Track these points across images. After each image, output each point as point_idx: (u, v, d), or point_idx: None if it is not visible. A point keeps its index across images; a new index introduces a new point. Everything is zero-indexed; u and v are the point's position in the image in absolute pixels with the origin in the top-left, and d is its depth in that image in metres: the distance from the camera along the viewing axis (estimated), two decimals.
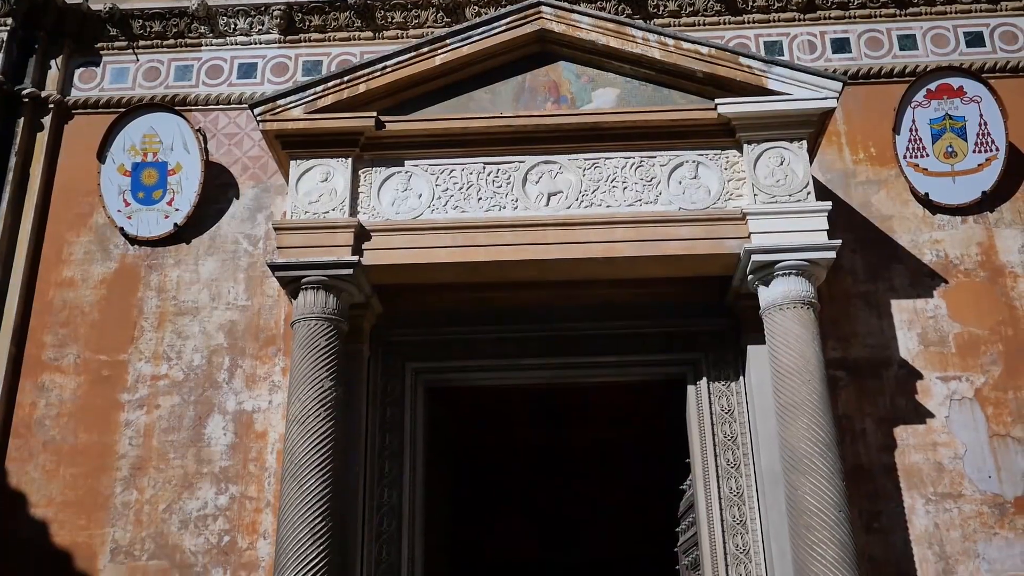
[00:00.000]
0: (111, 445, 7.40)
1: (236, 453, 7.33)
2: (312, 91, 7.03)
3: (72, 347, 7.71)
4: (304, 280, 6.73)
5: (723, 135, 7.03)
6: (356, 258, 6.75)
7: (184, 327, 7.72)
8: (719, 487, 7.01)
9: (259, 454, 7.32)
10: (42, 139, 8.28)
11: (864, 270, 7.61)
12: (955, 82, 7.97)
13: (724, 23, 8.44)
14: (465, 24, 7.30)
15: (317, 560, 6.05)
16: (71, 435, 7.44)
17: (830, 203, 6.84)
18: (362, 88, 7.06)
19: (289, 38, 8.58)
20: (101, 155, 8.12)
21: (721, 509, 6.96)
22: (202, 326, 7.72)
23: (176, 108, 8.28)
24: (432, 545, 7.48)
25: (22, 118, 8.25)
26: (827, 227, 6.72)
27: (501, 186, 7.05)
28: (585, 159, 7.07)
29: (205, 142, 8.12)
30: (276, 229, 6.98)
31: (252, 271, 7.86)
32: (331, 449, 6.35)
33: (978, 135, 7.82)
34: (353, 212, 6.97)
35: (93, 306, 7.84)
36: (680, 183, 6.99)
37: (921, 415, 7.19)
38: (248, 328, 7.69)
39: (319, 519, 6.15)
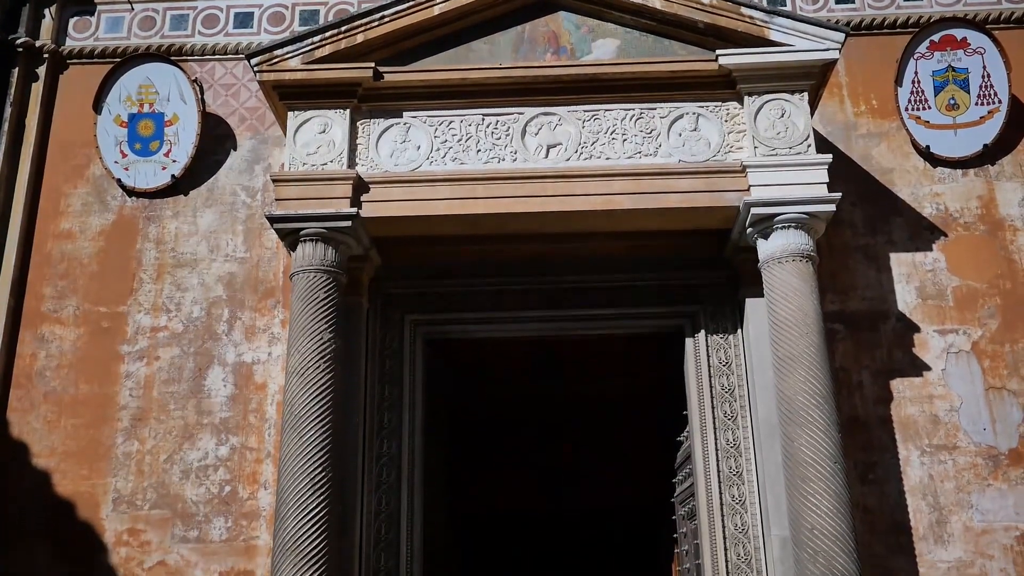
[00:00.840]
0: (112, 396, 7.44)
1: (236, 404, 7.38)
2: (309, 41, 6.96)
3: (71, 299, 7.72)
4: (303, 232, 6.72)
5: (724, 87, 6.98)
6: (354, 210, 6.73)
7: (183, 279, 7.73)
8: (716, 439, 7.07)
9: (259, 405, 7.36)
10: (37, 90, 8.21)
11: (863, 223, 7.60)
12: (959, 33, 7.89)
13: None
14: None
15: (317, 509, 6.12)
16: (72, 386, 7.48)
17: (830, 156, 6.81)
18: (360, 38, 7.00)
19: None
20: (97, 106, 8.05)
21: (718, 460, 7.03)
22: (201, 278, 7.72)
23: (172, 58, 8.20)
24: (431, 495, 7.56)
25: (16, 68, 8.17)
26: (827, 180, 6.70)
27: (500, 138, 7.02)
28: (584, 111, 7.02)
29: (202, 93, 8.06)
30: (274, 181, 6.95)
31: (250, 223, 7.84)
32: (331, 400, 6.39)
33: (981, 87, 7.76)
34: (351, 164, 6.94)
35: (92, 258, 7.83)
36: (680, 135, 6.95)
37: (918, 368, 7.23)
38: (247, 280, 7.70)
39: (319, 469, 6.21)
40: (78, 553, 7.03)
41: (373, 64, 6.95)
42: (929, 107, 7.76)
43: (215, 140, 8.05)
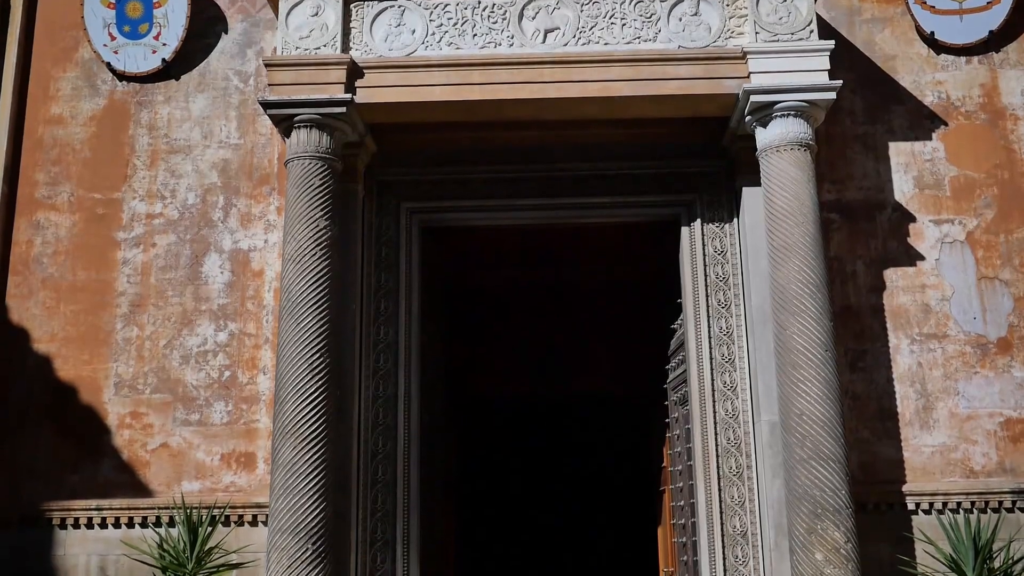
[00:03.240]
0: (109, 283, 7.48)
1: (233, 291, 7.42)
2: None
3: (65, 185, 7.67)
4: (297, 118, 6.66)
5: None
6: (349, 96, 6.65)
7: (177, 165, 7.67)
8: (709, 326, 7.16)
9: (256, 292, 7.41)
10: None
11: (863, 112, 7.52)
12: None
13: None
14: None
15: (316, 394, 6.24)
16: (69, 273, 7.51)
17: (832, 42, 6.70)
18: None
19: None
20: None
21: (711, 347, 7.13)
22: (195, 164, 7.67)
23: None
24: (428, 380, 7.69)
25: None
26: (828, 67, 6.61)
27: (496, 22, 6.88)
28: None
29: None
30: (267, 66, 6.84)
31: (244, 108, 7.74)
32: (327, 287, 6.44)
33: None
34: (345, 48, 6.81)
35: (84, 144, 7.76)
36: (680, 20, 6.82)
37: (912, 258, 7.26)
38: (241, 167, 7.65)
39: (317, 355, 6.30)
40: (83, 435, 7.18)
41: None
42: None
43: (205, 22, 7.87)
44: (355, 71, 6.73)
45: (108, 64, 7.79)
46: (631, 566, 12.24)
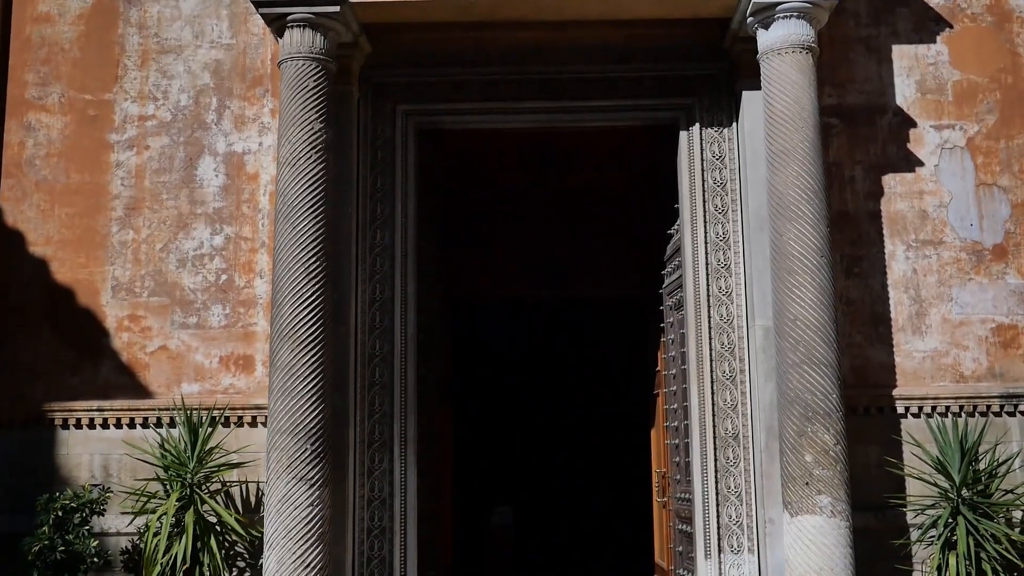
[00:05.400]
0: (104, 185, 7.43)
1: (229, 195, 7.39)
2: None
3: (55, 86, 7.56)
4: (290, 17, 6.53)
5: None
6: None
7: (168, 66, 7.55)
8: (706, 232, 7.15)
9: (252, 196, 7.38)
10: None
11: (867, 13, 7.37)
12: None
13: None
14: None
15: (313, 297, 6.27)
16: (63, 175, 7.46)
17: None
18: None
19: None
20: None
21: (707, 253, 7.14)
22: (187, 65, 7.54)
23: None
24: (424, 283, 7.72)
25: None
26: None
27: None
28: None
29: None
30: None
31: (235, 7, 7.57)
32: (323, 191, 6.41)
33: None
34: None
35: (73, 43, 7.61)
36: None
37: (911, 163, 7.22)
38: (234, 67, 7.52)
39: (313, 258, 6.31)
40: (82, 338, 7.23)
41: None
42: None
43: None
44: None
45: None
46: (625, 467, 12.49)
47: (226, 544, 6.74)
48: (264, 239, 7.29)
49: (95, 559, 6.58)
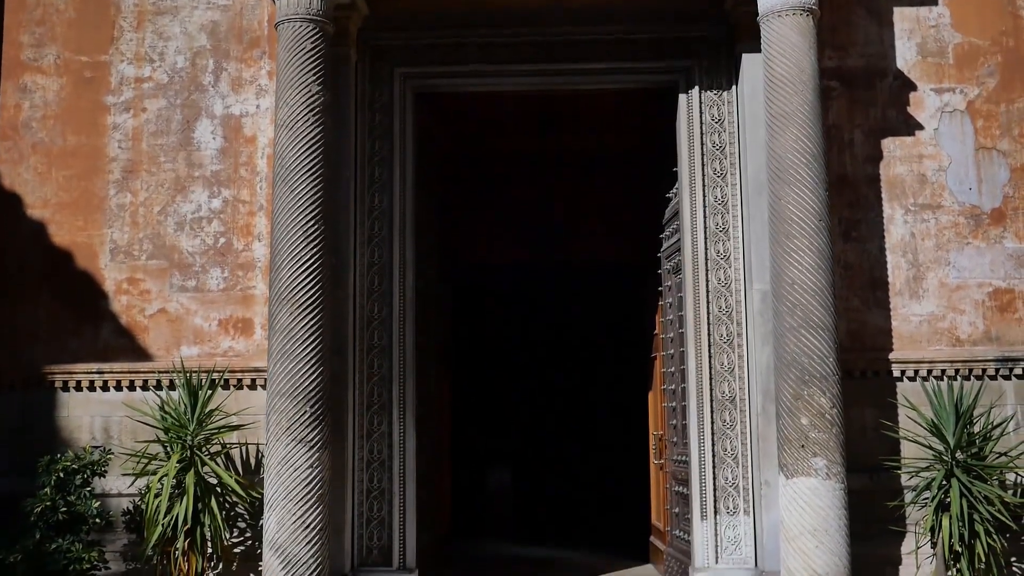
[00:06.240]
0: (101, 148, 7.40)
1: (226, 157, 7.36)
2: None
3: (51, 47, 7.50)
4: None
5: None
6: None
7: (164, 27, 7.49)
8: (704, 195, 7.14)
9: (249, 158, 7.35)
10: None
11: None
12: None
13: None
14: None
15: (311, 260, 6.26)
16: (59, 137, 7.43)
17: None
18: None
19: None
20: None
21: (705, 216, 7.13)
22: (183, 26, 7.48)
23: None
24: (422, 247, 7.72)
25: None
26: None
27: None
28: None
29: None
30: None
31: None
32: (321, 153, 6.38)
33: None
34: None
35: (68, 3, 7.55)
36: None
37: (911, 127, 7.19)
38: (231, 29, 7.47)
39: (311, 222, 6.30)
40: (81, 301, 7.24)
41: None
42: None
43: None
44: None
45: None
46: (623, 430, 12.57)
47: (227, 505, 6.80)
48: (262, 202, 7.27)
49: (97, 520, 6.64)
